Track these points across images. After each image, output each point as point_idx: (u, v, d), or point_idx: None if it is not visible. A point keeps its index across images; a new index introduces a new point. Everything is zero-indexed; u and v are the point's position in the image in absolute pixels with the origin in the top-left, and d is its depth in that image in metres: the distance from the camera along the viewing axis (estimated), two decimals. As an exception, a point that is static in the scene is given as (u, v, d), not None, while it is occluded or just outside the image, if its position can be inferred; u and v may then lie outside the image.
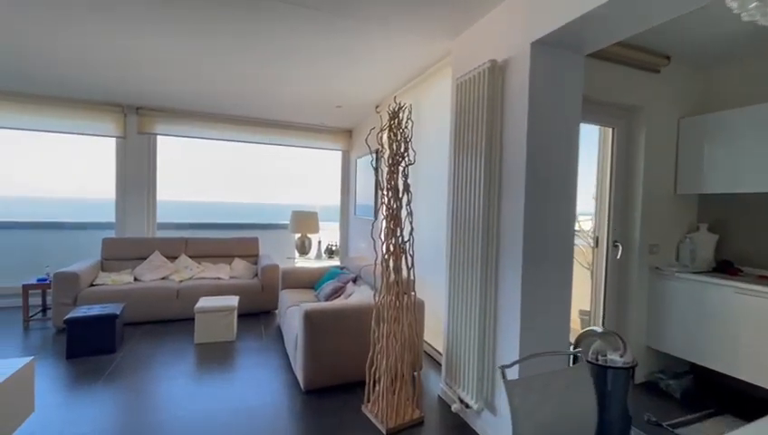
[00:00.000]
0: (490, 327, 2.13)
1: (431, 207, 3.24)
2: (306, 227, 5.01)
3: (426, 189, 3.35)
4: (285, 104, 4.41)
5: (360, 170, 5.18)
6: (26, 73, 3.63)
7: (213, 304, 3.51)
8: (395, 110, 2.29)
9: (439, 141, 3.04)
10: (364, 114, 4.72)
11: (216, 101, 4.40)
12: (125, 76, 3.68)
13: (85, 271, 3.89)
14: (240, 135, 5.17)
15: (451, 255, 2.43)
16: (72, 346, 3.05)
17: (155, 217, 4.96)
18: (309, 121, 5.26)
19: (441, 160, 2.99)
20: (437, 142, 3.09)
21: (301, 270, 4.18)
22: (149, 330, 3.75)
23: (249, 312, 4.27)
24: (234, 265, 4.77)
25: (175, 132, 4.92)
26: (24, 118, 4.28)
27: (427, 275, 3.25)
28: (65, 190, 5.05)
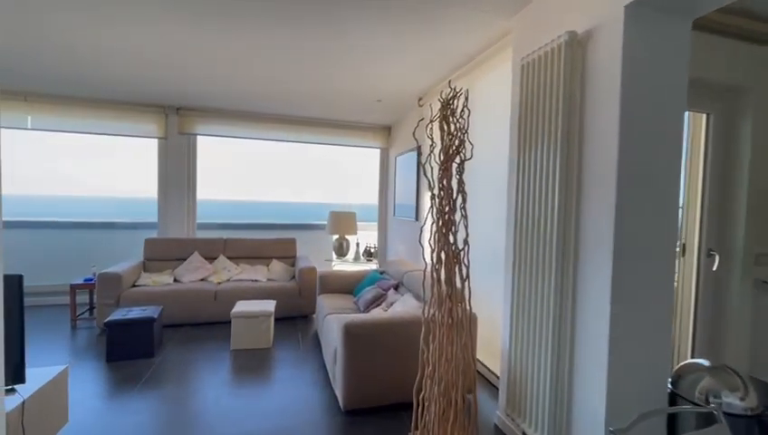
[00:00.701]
0: (565, 351, 1.78)
1: (483, 206, 2.91)
2: (344, 228, 4.81)
3: (478, 187, 3.02)
4: (324, 101, 4.22)
5: (399, 169, 4.91)
6: (72, 77, 3.67)
7: (249, 309, 3.37)
8: (448, 97, 1.98)
9: (495, 134, 2.70)
10: (405, 109, 4.43)
11: (255, 99, 4.29)
12: (167, 77, 3.65)
13: (128, 271, 3.90)
14: (277, 134, 5.06)
15: (514, 263, 2.09)
16: (112, 350, 3.01)
17: (195, 218, 4.96)
18: (347, 118, 5.06)
19: (497, 155, 2.64)
20: (492, 135, 2.75)
21: (339, 274, 3.98)
22: (187, 333, 3.70)
23: (286, 316, 4.13)
24: (271, 266, 4.66)
25: (214, 132, 4.88)
26: (70, 120, 4.39)
27: (478, 282, 2.92)
28: (116, 190, 5.16)
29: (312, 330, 3.94)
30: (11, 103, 4.17)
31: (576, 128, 1.73)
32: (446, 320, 1.99)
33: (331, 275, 3.95)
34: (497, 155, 2.63)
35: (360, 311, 3.24)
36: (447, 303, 1.99)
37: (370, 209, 6.54)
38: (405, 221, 4.61)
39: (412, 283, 3.15)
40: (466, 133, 1.94)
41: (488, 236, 2.81)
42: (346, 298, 3.67)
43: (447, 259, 2.00)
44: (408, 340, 2.40)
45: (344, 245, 4.84)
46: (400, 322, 2.40)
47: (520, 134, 2.02)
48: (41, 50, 3.08)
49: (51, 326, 3.79)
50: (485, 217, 2.88)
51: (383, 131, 5.40)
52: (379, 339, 2.35)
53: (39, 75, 3.69)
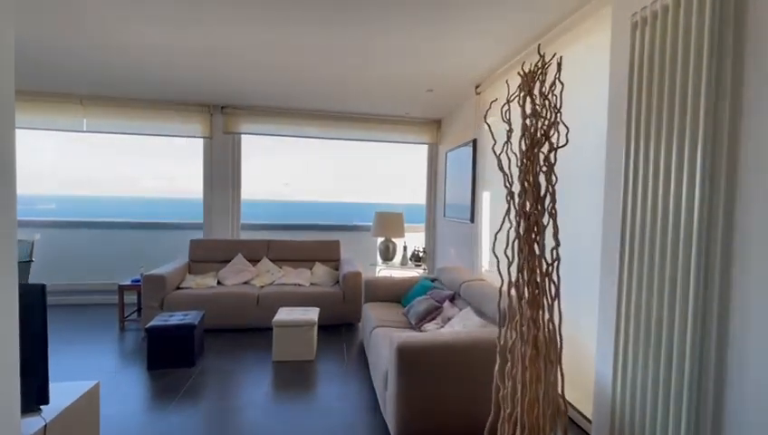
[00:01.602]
0: (707, 393, 1.31)
1: (564, 201, 2.43)
2: (391, 230, 4.48)
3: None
4: (370, 93, 3.91)
5: (450, 166, 4.49)
6: (123, 79, 3.65)
7: (292, 318, 3.13)
8: (533, 68, 1.57)
9: (581, 113, 2.22)
10: (458, 99, 4.02)
11: (298, 96, 4.08)
12: (212, 75, 3.56)
13: (172, 273, 3.83)
14: (320, 131, 4.84)
15: (621, 272, 1.63)
16: (153, 357, 2.89)
17: (239, 218, 4.86)
18: (393, 112, 4.72)
19: (586, 142, 2.16)
20: (577, 114, 2.27)
21: (386, 281, 3.65)
22: (229, 340, 3.54)
23: (330, 323, 3.87)
24: (315, 270, 4.43)
25: (257, 131, 4.76)
26: (121, 122, 4.43)
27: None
28: (170, 190, 5.19)
29: (357, 340, 3.64)
30: (68, 106, 4.28)
31: (726, 100, 1.25)
32: (529, 351, 1.58)
33: (377, 281, 3.63)
34: (587, 142, 2.15)
35: (411, 325, 2.89)
36: (532, 329, 1.58)
37: (416, 210, 6.17)
38: (457, 223, 4.19)
39: (471, 295, 2.74)
40: (559, 113, 1.52)
41: (571, 236, 2.34)
42: (394, 308, 3.33)
43: (531, 274, 1.58)
44: (473, 366, 2.00)
45: (390, 248, 4.51)
46: (464, 344, 2.01)
47: (630, 112, 1.55)
48: (94, 52, 3.08)
49: (100, 327, 3.80)
50: (571, 217, 2.40)
51: (432, 126, 5.00)
52: (439, 364, 1.98)
53: (93, 78, 3.72)
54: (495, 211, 3.25)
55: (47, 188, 22.59)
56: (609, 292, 1.74)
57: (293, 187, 35.15)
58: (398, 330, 2.75)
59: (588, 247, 2.13)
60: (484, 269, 3.46)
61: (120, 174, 48.98)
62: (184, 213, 4.99)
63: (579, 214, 2.22)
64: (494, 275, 3.13)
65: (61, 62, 3.32)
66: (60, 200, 17.46)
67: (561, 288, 2.09)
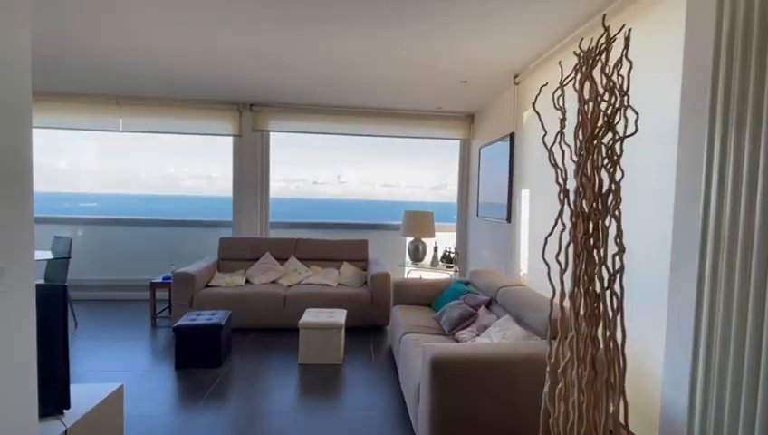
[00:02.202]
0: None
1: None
2: (420, 230, 4.29)
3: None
4: (401, 87, 3.74)
5: (485, 162, 4.25)
6: (156, 78, 3.68)
7: (319, 320, 3.03)
8: (595, 45, 1.35)
9: (642, 101, 1.95)
10: (494, 90, 3.77)
11: (328, 92, 3.98)
12: (242, 74, 3.53)
13: (202, 271, 3.84)
14: (350, 128, 4.72)
15: (701, 292, 1.38)
16: (180, 356, 2.87)
17: (268, 216, 4.84)
18: (424, 107, 4.53)
19: (646, 131, 1.89)
20: (637, 103, 2.00)
21: (416, 283, 3.48)
22: (256, 340, 3.49)
23: (357, 325, 3.74)
24: (342, 270, 4.33)
25: (286, 128, 4.71)
26: (155, 121, 4.50)
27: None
28: (207, 189, 5.25)
29: (385, 344, 3.50)
30: (105, 107, 4.38)
31: None
32: (587, 373, 1.36)
33: (407, 283, 3.47)
34: (645, 127, 1.88)
35: (444, 332, 2.70)
36: (591, 349, 1.36)
37: (447, 208, 5.95)
38: (493, 223, 3.95)
39: (511, 301, 2.52)
40: (626, 96, 1.29)
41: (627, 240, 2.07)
42: (425, 312, 3.16)
43: (590, 285, 1.37)
44: (517, 384, 1.80)
45: (420, 248, 4.33)
46: (507, 359, 1.81)
47: (715, 95, 1.30)
48: (128, 54, 3.13)
49: (134, 323, 3.87)
50: (626, 217, 2.13)
51: (464, 120, 4.77)
52: (478, 380, 1.79)
53: (128, 79, 3.78)
54: (536, 210, 3.00)
55: (91, 186, 23.99)
56: (683, 307, 1.49)
57: (322, 184, 35.60)
58: (429, 337, 2.58)
59: (648, 253, 1.87)
60: (522, 273, 3.21)
61: (163, 173, 51.40)
62: (220, 211, 5.01)
63: (637, 214, 1.95)
64: (536, 279, 2.89)
65: (98, 65, 3.38)
66: (103, 199, 18.46)
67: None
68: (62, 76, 3.74)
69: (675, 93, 1.60)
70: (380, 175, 43.91)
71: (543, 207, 2.85)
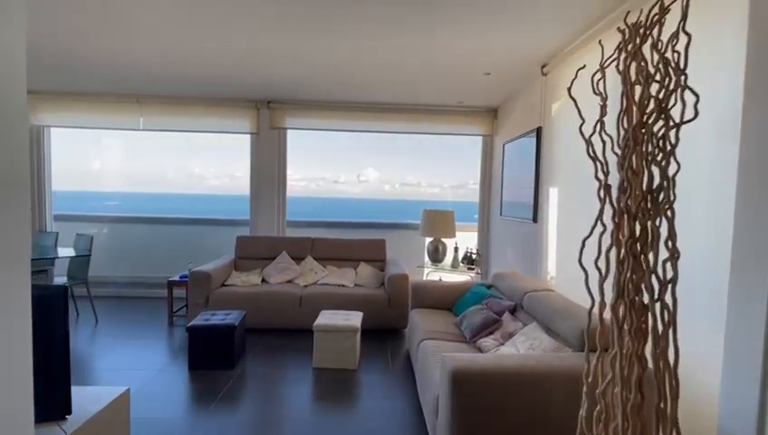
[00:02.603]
0: None
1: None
2: (440, 230, 4.12)
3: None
4: (421, 81, 3.59)
5: (509, 159, 4.04)
6: (175, 78, 3.67)
7: (334, 323, 2.92)
8: (644, 19, 1.16)
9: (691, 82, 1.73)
10: (520, 82, 3.56)
11: (346, 87, 3.87)
12: (258, 72, 3.49)
13: (218, 270, 3.80)
14: (368, 124, 4.60)
15: None
16: (193, 357, 2.83)
17: (285, 215, 4.78)
18: (445, 102, 4.35)
19: (706, 117, 1.68)
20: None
21: (435, 285, 3.32)
22: (270, 341, 3.42)
23: (374, 328, 3.61)
24: (359, 270, 4.21)
25: (304, 125, 4.64)
26: (174, 120, 4.51)
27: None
28: (231, 188, 5.25)
29: (403, 348, 3.36)
30: (126, 106, 4.42)
31: None
32: (633, 396, 1.18)
33: (425, 285, 3.31)
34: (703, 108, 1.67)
35: (465, 339, 2.54)
36: (636, 368, 1.18)
37: (466, 208, 5.75)
38: (517, 223, 3.74)
39: (538, 308, 2.33)
40: (684, 75, 1.10)
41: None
42: (444, 316, 3.00)
43: (638, 295, 1.18)
44: (547, 401, 1.63)
45: (440, 249, 4.16)
46: (537, 373, 1.64)
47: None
48: (146, 55, 3.16)
49: (152, 321, 3.87)
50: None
51: (487, 115, 4.56)
52: (503, 395, 1.63)
53: (148, 78, 3.80)
54: (566, 210, 2.79)
55: (118, 186, 24.85)
56: (747, 322, 1.28)
57: (342, 184, 35.74)
58: (449, 344, 2.42)
59: (699, 257, 1.66)
60: (549, 277, 3.01)
61: (188, 173, 52.84)
62: (241, 210, 4.99)
63: (687, 213, 1.74)
64: (565, 284, 2.67)
65: (119, 65, 3.40)
66: (129, 197, 19.06)
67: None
68: (84, 76, 3.78)
69: (734, 71, 1.39)
70: (399, 174, 43.67)
71: (574, 206, 2.64)
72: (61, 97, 4.38)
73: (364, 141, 9.24)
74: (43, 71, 3.69)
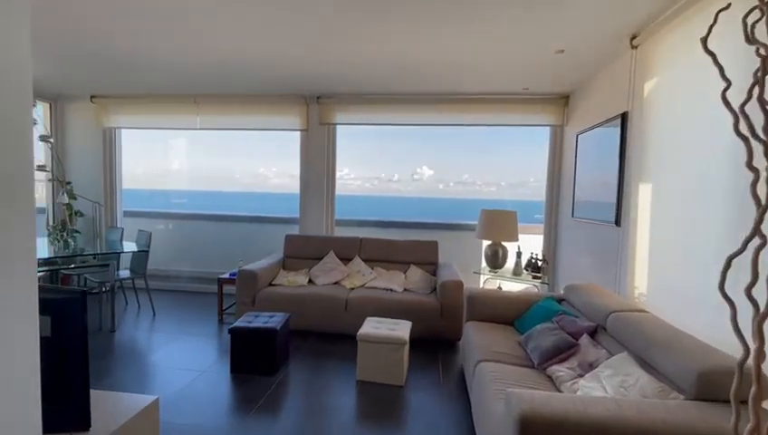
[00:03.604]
0: None
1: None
2: (501, 232, 3.69)
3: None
4: (482, 65, 3.20)
5: (584, 152, 3.50)
6: (228, 75, 3.67)
7: (380, 333, 2.67)
8: None
9: None
10: (601, 59, 3.03)
11: (400, 78, 3.60)
12: (310, 64, 3.34)
13: (265, 269, 3.74)
14: (423, 117, 4.29)
15: None
16: (235, 359, 2.74)
17: (333, 214, 4.64)
18: (508, 89, 3.90)
19: None
20: None
21: (494, 296, 2.93)
22: (314, 345, 3.26)
23: (424, 338, 3.31)
24: (409, 273, 3.93)
25: (354, 120, 4.46)
26: (225, 118, 4.56)
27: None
28: (291, 187, 5.26)
29: (456, 364, 3.02)
30: (184, 106, 4.55)
31: None
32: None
33: (483, 295, 2.93)
34: None
35: (532, 363, 2.14)
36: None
37: (527, 208, 5.21)
38: (594, 226, 3.21)
39: (627, 333, 1.87)
40: None
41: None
42: (505, 333, 2.61)
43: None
44: (650, 469, 1.22)
45: (500, 253, 3.72)
46: (636, 427, 1.24)
47: None
48: (202, 56, 3.20)
49: (202, 317, 3.92)
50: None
51: (557, 103, 4.02)
52: (588, 454, 1.25)
53: (204, 79, 3.86)
54: (663, 211, 2.26)
55: (184, 184, 26.88)
56: None
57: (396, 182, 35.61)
58: (512, 369, 2.05)
59: None
60: (638, 293, 2.48)
61: (253, 172, 56.32)
62: (296, 208, 4.96)
63: None
64: (662, 304, 2.09)
65: (177, 65, 3.46)
66: (195, 196, 20.49)
67: None
68: (147, 79, 3.93)
69: None
70: (454, 172, 42.55)
71: (677, 207, 2.11)
72: (127, 100, 4.62)
73: (419, 138, 8.87)
74: (110, 76, 3.88)
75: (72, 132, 4.83)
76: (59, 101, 4.76)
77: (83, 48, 3.11)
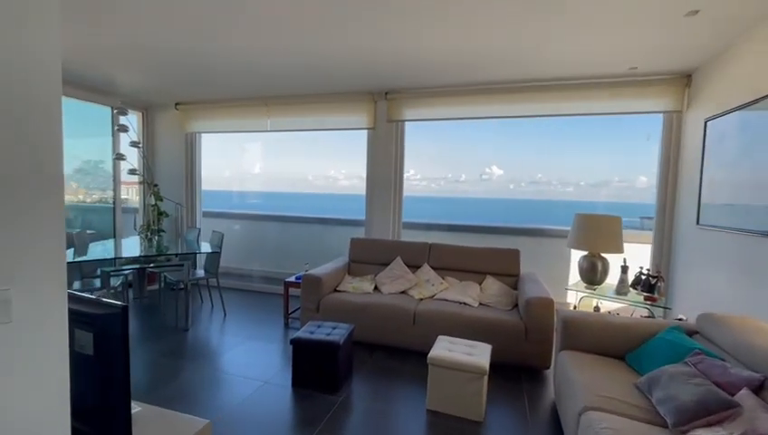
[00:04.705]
0: None
1: None
2: (602, 242, 3.07)
3: None
4: (582, 41, 2.68)
5: (715, 141, 2.76)
6: (295, 76, 3.59)
7: (455, 358, 2.30)
8: None
9: None
10: (742, 25, 2.32)
11: (478, 65, 3.19)
12: (379, 57, 3.13)
13: (330, 274, 3.57)
14: (503, 108, 3.81)
15: None
16: (297, 373, 2.57)
17: (400, 217, 4.35)
18: (609, 70, 3.26)
19: None
20: None
21: (599, 321, 2.38)
22: (379, 362, 2.99)
23: (505, 362, 2.86)
24: (485, 285, 3.49)
25: (423, 116, 4.12)
26: (293, 120, 4.52)
27: None
28: (355, 188, 5.19)
29: (545, 399, 2.53)
30: (255, 109, 4.61)
31: None
32: None
33: (582, 319, 2.40)
34: None
35: (661, 419, 1.61)
36: None
37: (615, 210, 4.43)
38: (737, 236, 2.48)
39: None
40: None
41: None
42: (615, 369, 2.08)
43: None
44: None
45: (599, 266, 3.11)
46: None
47: None
48: (271, 57, 3.16)
49: (270, 320, 3.88)
50: None
51: (675, 83, 3.27)
52: None
53: (273, 81, 3.84)
54: None
55: (259, 185, 28.57)
56: None
57: (463, 183, 34.44)
58: (635, 426, 1.55)
59: None
60: (820, 331, 1.79)
61: (325, 175, 58.97)
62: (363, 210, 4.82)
63: None
64: None
65: (248, 67, 3.46)
66: (267, 197, 21.66)
67: None
68: (224, 84, 4.02)
69: None
70: (527, 171, 40.16)
71: None
72: (206, 106, 4.82)
73: (488, 136, 8.17)
74: (191, 83, 4.05)
75: (159, 138, 5.19)
76: (150, 110, 5.15)
77: (170, 56, 3.23)
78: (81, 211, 5.00)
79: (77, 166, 5.00)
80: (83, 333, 1.17)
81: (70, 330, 1.03)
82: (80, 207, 4.97)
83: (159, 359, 2.91)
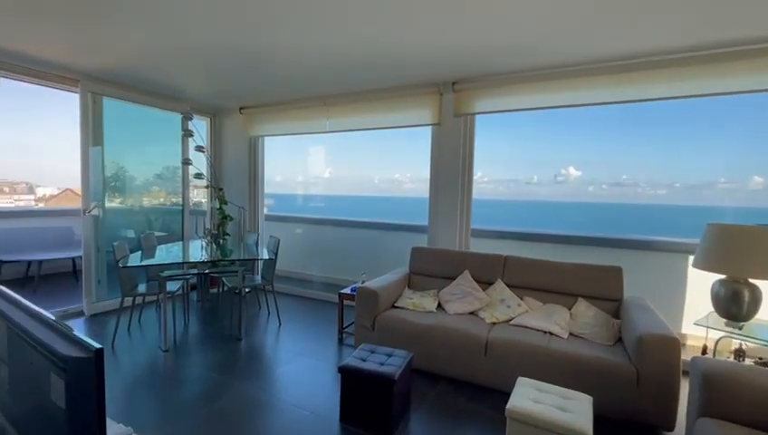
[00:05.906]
0: None
1: None
2: (753, 264, 2.25)
3: None
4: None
5: None
6: (356, 69, 3.30)
7: (544, 414, 1.76)
8: None
9: None
10: None
11: (560, 42, 2.60)
12: (445, 42, 2.73)
13: (388, 288, 3.19)
14: (583, 94, 3.13)
15: None
16: (345, 406, 2.21)
17: (469, 224, 3.83)
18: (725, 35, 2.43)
19: None
20: None
21: (755, 375, 1.66)
22: (442, 398, 2.51)
23: (607, 416, 2.21)
24: (576, 310, 2.84)
25: (495, 107, 3.57)
26: (353, 119, 4.24)
27: None
28: (420, 191, 4.88)
29: (671, 477, 1.86)
30: (314, 110, 4.43)
31: None
32: None
33: (735, 375, 1.70)
34: None
35: None
36: None
37: (717, 216, 3.42)
38: None
39: None
40: None
41: None
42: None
43: None
44: None
45: (745, 297, 2.29)
46: None
47: None
48: (334, 51, 2.94)
49: (323, 334, 3.61)
50: None
51: None
52: None
53: (333, 76, 3.60)
54: None
55: (325, 189, 29.47)
56: None
57: (532, 184, 32.09)
58: None
59: None
60: None
61: (390, 178, 59.85)
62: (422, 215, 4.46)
63: None
64: None
65: (306, 64, 3.27)
66: (337, 200, 22.11)
67: None
68: (284, 84, 3.90)
69: None
70: (609, 171, 36.33)
71: None
72: (268, 109, 4.76)
73: (563, 136, 7.14)
74: (250, 87, 4.00)
75: (225, 143, 5.29)
76: (217, 116, 5.26)
77: (229, 56, 3.14)
78: (161, 214, 5.22)
79: (158, 171, 5.27)
80: (54, 378, 0.91)
81: (43, 372, 0.75)
82: (160, 210, 5.20)
83: (209, 374, 2.76)
